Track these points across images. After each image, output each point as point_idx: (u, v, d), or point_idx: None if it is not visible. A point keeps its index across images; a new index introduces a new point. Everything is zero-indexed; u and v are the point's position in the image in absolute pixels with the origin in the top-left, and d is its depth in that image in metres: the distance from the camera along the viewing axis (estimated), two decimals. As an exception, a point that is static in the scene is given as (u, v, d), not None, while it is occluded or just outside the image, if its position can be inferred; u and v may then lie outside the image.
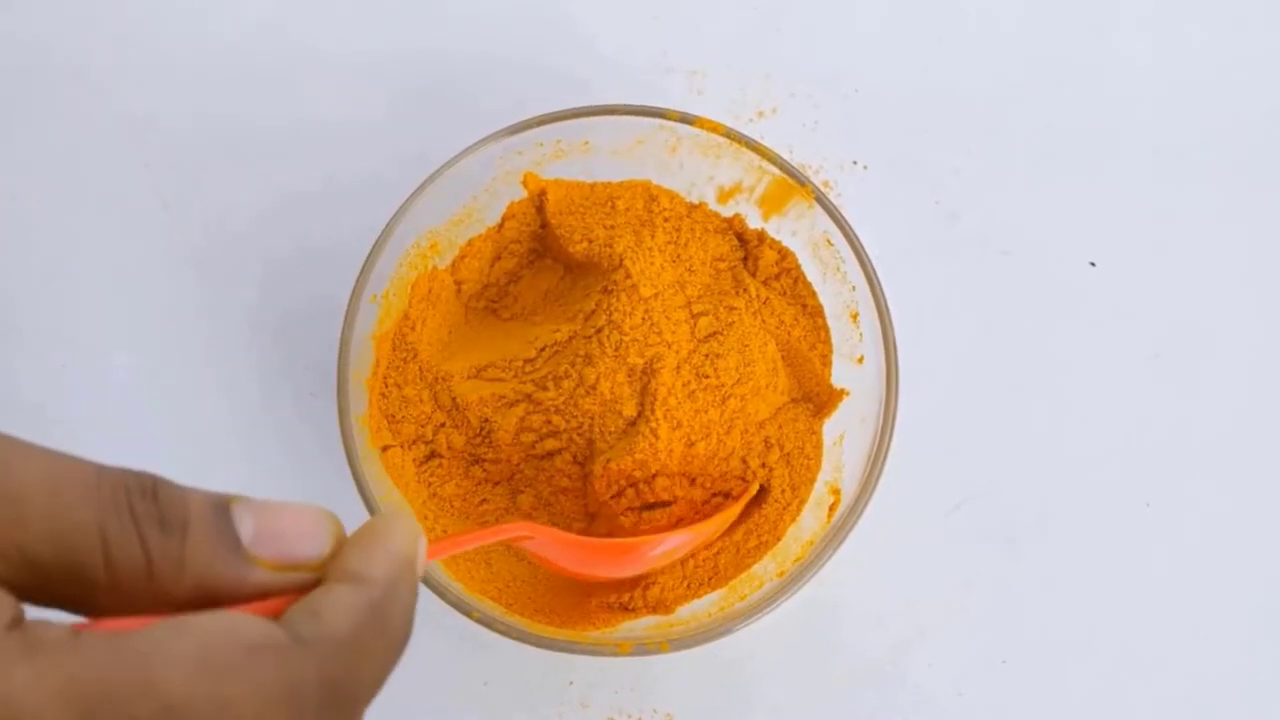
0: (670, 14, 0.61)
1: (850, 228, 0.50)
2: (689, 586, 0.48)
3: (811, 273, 0.52)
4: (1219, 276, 0.58)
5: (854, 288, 0.51)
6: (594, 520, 0.50)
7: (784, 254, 0.52)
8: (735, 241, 0.52)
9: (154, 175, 0.58)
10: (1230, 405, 0.57)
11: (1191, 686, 0.54)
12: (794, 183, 0.50)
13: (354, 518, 0.47)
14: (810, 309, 0.52)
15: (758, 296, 0.51)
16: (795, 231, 0.52)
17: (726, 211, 0.53)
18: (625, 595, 0.48)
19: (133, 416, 0.55)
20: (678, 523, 0.50)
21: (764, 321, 0.51)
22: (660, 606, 0.48)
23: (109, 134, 0.58)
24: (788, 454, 0.50)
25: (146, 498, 0.25)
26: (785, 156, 0.51)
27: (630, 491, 0.48)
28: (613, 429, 0.47)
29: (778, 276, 0.52)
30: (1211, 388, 0.57)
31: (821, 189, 0.54)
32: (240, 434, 0.55)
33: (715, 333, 0.49)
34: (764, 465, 0.49)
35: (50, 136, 0.58)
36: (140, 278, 0.57)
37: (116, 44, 0.60)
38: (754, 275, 0.52)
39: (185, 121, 0.59)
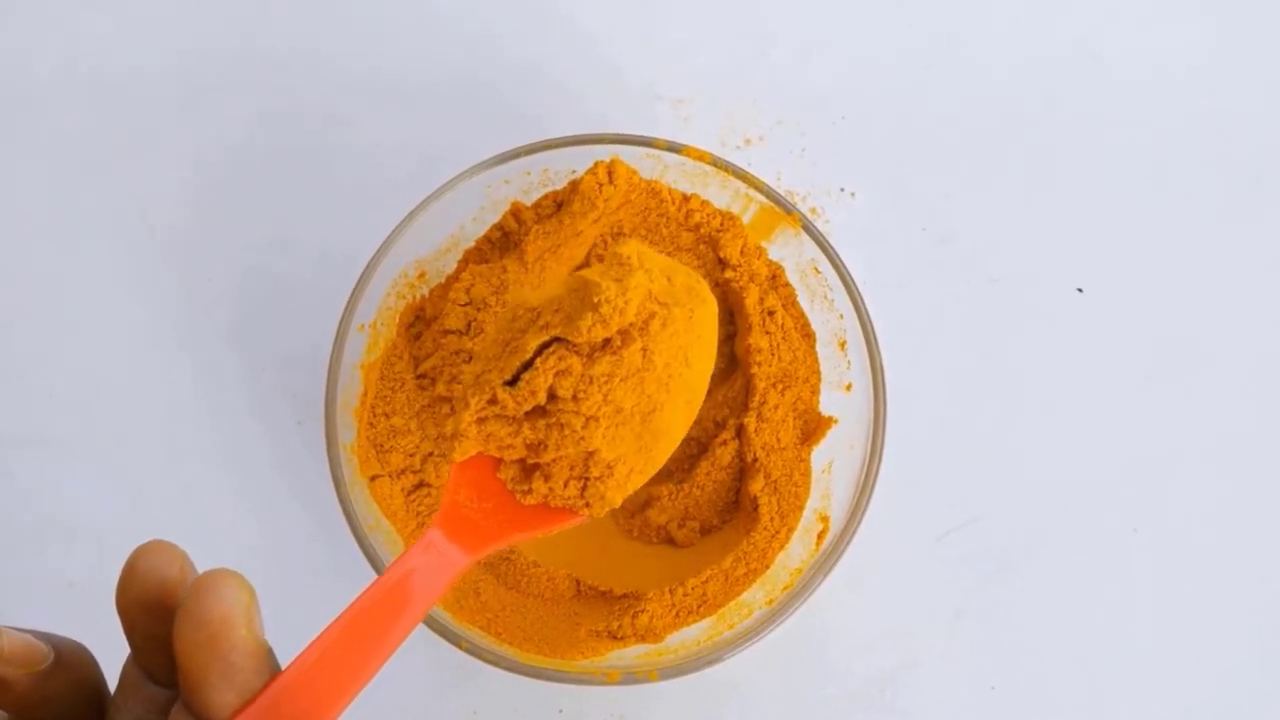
0: (658, 42, 0.61)
1: (838, 256, 0.50)
2: (678, 615, 0.48)
3: (799, 300, 0.52)
4: (1208, 303, 0.59)
5: (842, 315, 0.51)
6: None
7: (783, 282, 0.53)
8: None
9: (141, 202, 0.58)
10: (1219, 431, 0.57)
11: (1181, 711, 0.54)
12: (781, 210, 0.51)
13: (344, 546, 0.47)
14: (805, 335, 0.52)
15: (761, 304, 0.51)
16: (783, 259, 0.52)
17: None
18: (614, 623, 0.48)
19: (119, 444, 0.55)
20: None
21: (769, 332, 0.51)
22: (649, 635, 0.48)
23: (95, 161, 0.58)
24: (775, 481, 0.50)
25: None
26: (773, 184, 0.51)
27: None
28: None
29: (784, 306, 0.52)
30: (1200, 414, 0.57)
31: (809, 216, 0.54)
32: (227, 462, 0.55)
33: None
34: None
35: (34, 162, 0.59)
36: (127, 303, 0.57)
37: (106, 77, 0.60)
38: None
39: (173, 150, 0.59)
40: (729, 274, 0.52)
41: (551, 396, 0.39)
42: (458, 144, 0.56)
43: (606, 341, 0.39)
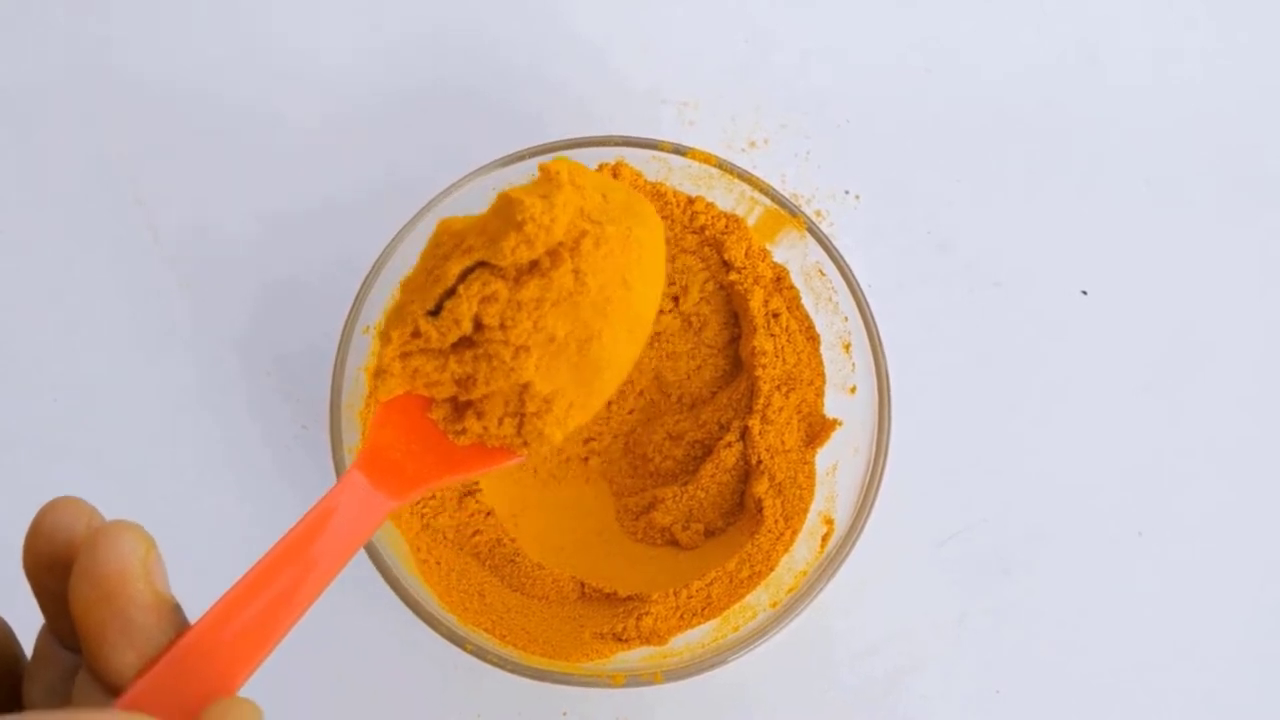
0: (662, 46, 0.61)
1: (843, 258, 0.50)
2: (682, 617, 0.48)
3: (804, 302, 0.52)
4: (1213, 305, 0.59)
5: (846, 318, 0.51)
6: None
7: (788, 284, 0.53)
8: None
9: (145, 209, 0.58)
10: (1225, 434, 0.57)
11: (1185, 714, 0.54)
12: (785, 213, 0.51)
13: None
14: (809, 337, 0.52)
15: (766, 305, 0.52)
16: (787, 261, 0.52)
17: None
18: (619, 626, 0.48)
19: (121, 446, 0.55)
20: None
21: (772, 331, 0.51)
22: (654, 637, 0.48)
23: (100, 167, 0.58)
24: (780, 484, 0.50)
25: None
26: (777, 186, 0.51)
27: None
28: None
29: (788, 308, 0.52)
30: (1204, 416, 0.57)
31: (813, 219, 0.54)
32: (230, 464, 0.55)
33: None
34: None
35: (39, 164, 0.59)
36: (130, 305, 0.57)
37: (108, 80, 0.60)
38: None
39: (178, 157, 0.59)
40: (734, 276, 0.52)
41: (478, 326, 0.36)
42: (462, 147, 0.56)
43: (534, 264, 0.36)
